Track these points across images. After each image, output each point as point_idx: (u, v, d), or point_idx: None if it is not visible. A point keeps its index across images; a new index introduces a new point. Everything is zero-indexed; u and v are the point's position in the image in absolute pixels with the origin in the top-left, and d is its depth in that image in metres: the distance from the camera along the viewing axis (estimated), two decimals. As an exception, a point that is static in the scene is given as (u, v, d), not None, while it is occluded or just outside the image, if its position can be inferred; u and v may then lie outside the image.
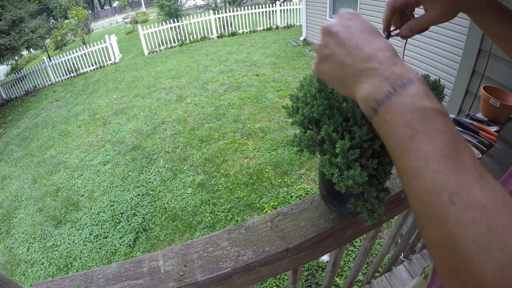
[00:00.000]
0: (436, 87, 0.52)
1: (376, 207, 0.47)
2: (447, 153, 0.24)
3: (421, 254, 1.80)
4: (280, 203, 3.14)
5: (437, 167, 0.23)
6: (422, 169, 0.24)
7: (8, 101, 9.72)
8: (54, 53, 15.28)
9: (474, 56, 1.52)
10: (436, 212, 0.22)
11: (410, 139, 0.25)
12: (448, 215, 0.22)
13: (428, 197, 0.23)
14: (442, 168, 0.23)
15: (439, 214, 0.22)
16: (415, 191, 0.24)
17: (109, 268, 0.57)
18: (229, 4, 11.67)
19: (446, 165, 0.23)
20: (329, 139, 0.45)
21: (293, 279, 0.81)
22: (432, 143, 0.24)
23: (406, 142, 0.25)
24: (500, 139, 1.39)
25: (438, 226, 0.22)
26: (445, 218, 0.22)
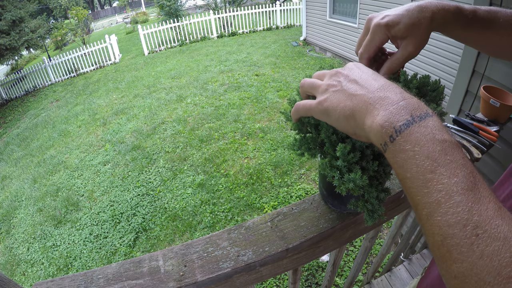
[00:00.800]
0: (436, 87, 0.52)
1: (377, 207, 0.47)
2: (468, 186, 0.24)
3: (421, 254, 1.80)
4: (280, 203, 3.14)
5: (460, 199, 0.23)
6: (445, 202, 0.24)
7: (8, 101, 9.72)
8: (54, 53, 15.29)
9: (474, 56, 1.52)
10: (460, 245, 0.22)
11: (432, 171, 0.25)
12: (472, 248, 0.22)
13: (452, 230, 0.23)
14: (464, 200, 0.23)
15: (463, 248, 0.22)
16: (436, 224, 0.24)
17: (109, 268, 0.57)
18: (229, 4, 11.67)
19: (469, 197, 0.23)
20: (329, 141, 0.45)
21: (293, 279, 0.81)
22: (454, 176, 0.24)
23: (427, 174, 0.25)
24: (500, 139, 1.39)
25: (461, 259, 0.22)
26: (469, 251, 0.22)
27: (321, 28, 7.54)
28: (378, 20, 0.42)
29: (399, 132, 0.27)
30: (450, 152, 0.25)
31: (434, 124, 0.27)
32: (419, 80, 0.51)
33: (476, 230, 0.22)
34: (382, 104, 0.30)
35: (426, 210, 0.25)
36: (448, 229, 0.23)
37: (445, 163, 0.25)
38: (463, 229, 0.22)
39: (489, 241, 0.21)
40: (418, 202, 0.26)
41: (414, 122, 0.27)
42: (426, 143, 0.26)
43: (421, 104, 0.29)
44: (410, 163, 0.26)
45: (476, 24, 0.44)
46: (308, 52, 7.85)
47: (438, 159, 0.25)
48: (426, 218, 0.25)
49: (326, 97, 0.36)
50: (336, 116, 0.34)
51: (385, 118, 0.29)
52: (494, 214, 0.22)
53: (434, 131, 0.26)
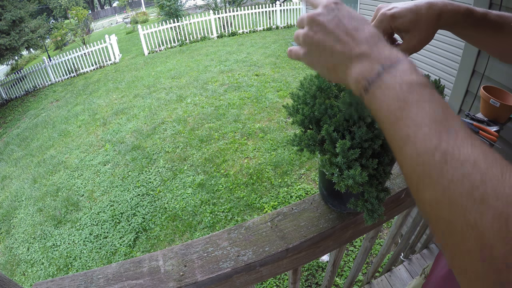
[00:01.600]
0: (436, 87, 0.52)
1: (376, 207, 0.47)
2: (437, 118, 0.25)
3: (421, 254, 1.80)
4: (280, 203, 3.14)
5: (428, 130, 0.25)
6: (413, 134, 0.25)
7: (8, 101, 9.72)
8: (54, 53, 15.29)
9: (474, 56, 1.52)
10: (430, 172, 0.23)
11: (401, 109, 0.27)
12: (442, 173, 0.23)
13: (421, 159, 0.24)
14: (432, 131, 0.24)
15: (433, 173, 0.23)
16: (407, 155, 0.26)
17: (109, 268, 0.57)
18: (229, 4, 11.67)
19: (437, 128, 0.25)
20: (329, 138, 0.45)
21: (293, 279, 0.81)
22: (422, 110, 0.26)
23: (397, 113, 0.27)
24: (500, 139, 1.39)
25: (433, 185, 0.23)
26: (439, 176, 0.23)
27: (321, 28, 7.53)
28: (385, 10, 0.44)
29: (372, 82, 0.30)
30: (418, 91, 0.27)
31: (403, 67, 0.29)
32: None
33: (445, 156, 0.23)
34: (357, 61, 0.32)
35: (398, 143, 0.27)
36: (418, 158, 0.24)
37: (413, 101, 0.27)
38: (432, 157, 0.24)
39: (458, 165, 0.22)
40: (392, 139, 0.28)
41: (384, 71, 0.29)
42: (395, 86, 0.28)
43: (392, 52, 0.31)
44: (382, 106, 0.29)
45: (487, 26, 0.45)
46: (308, 52, 7.84)
47: (406, 98, 0.27)
48: (399, 151, 0.27)
49: (307, 51, 0.37)
50: (322, 69, 0.37)
51: (359, 72, 0.31)
52: (462, 142, 0.23)
53: (402, 75, 0.28)
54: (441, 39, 3.80)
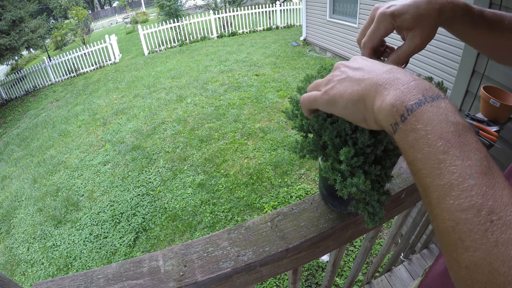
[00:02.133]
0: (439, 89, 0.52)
1: (378, 210, 0.47)
2: (483, 170, 0.22)
3: (421, 254, 1.80)
4: (280, 203, 3.14)
5: (474, 183, 0.22)
6: (458, 184, 0.22)
7: (8, 101, 9.72)
8: (54, 53, 15.29)
9: (474, 56, 1.52)
10: (473, 232, 0.21)
11: (444, 152, 0.24)
12: (486, 235, 0.21)
13: (465, 215, 0.22)
14: (479, 184, 0.22)
15: (476, 234, 0.21)
16: (448, 208, 0.23)
17: (109, 268, 0.57)
18: (229, 4, 11.67)
19: (483, 181, 0.22)
20: (332, 144, 0.45)
21: (293, 279, 0.81)
22: (468, 158, 0.23)
23: (440, 155, 0.24)
24: (500, 139, 1.39)
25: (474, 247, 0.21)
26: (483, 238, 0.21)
27: (321, 28, 7.54)
28: (383, 9, 0.42)
29: (411, 111, 0.26)
30: (464, 134, 0.24)
31: (446, 105, 0.26)
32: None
33: (491, 216, 0.21)
34: (392, 84, 0.29)
35: (437, 193, 0.24)
36: (461, 214, 0.22)
37: (459, 144, 0.24)
38: (477, 214, 0.21)
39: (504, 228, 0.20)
40: (429, 185, 0.25)
41: (426, 102, 0.26)
42: (439, 123, 0.25)
43: (432, 86, 0.28)
44: (421, 143, 0.25)
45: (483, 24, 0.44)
46: (308, 52, 7.85)
47: (451, 140, 0.24)
48: (437, 201, 0.24)
49: (331, 87, 0.35)
50: (344, 103, 0.33)
51: (396, 97, 0.28)
52: (509, 200, 0.21)
53: (447, 112, 0.25)
54: (441, 39, 3.80)
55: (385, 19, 0.41)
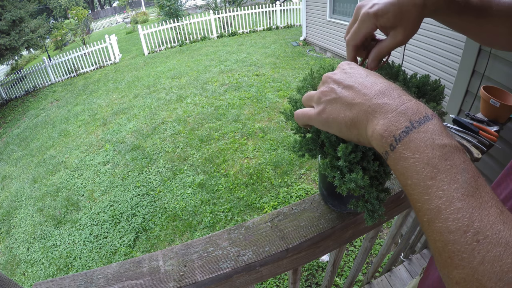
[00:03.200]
0: (436, 87, 0.52)
1: (377, 207, 0.47)
2: (469, 191, 0.24)
3: (421, 254, 1.80)
4: (280, 203, 3.14)
5: (461, 206, 0.23)
6: (445, 208, 0.24)
7: (8, 101, 9.72)
8: (54, 53, 15.29)
9: (474, 56, 1.52)
10: (461, 252, 0.23)
11: (432, 178, 0.25)
12: (473, 254, 0.22)
13: (453, 237, 0.23)
14: (465, 206, 0.23)
15: (464, 254, 0.22)
16: (437, 231, 0.24)
17: (109, 268, 0.57)
18: (229, 4, 11.67)
19: (469, 203, 0.23)
20: (329, 142, 0.45)
21: (293, 279, 0.81)
22: (454, 182, 0.24)
23: (427, 181, 0.25)
24: (500, 139, 1.39)
25: (462, 265, 0.22)
26: (470, 257, 0.22)
27: (321, 28, 7.54)
28: (366, 9, 0.41)
29: (399, 140, 0.27)
30: (450, 157, 0.25)
31: (433, 128, 0.27)
32: (419, 80, 0.51)
33: (477, 236, 0.22)
34: (381, 112, 0.29)
35: (427, 216, 0.25)
36: (449, 236, 0.23)
37: (445, 168, 0.25)
38: (463, 235, 0.22)
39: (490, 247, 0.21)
40: (420, 209, 0.26)
41: (413, 128, 0.27)
42: (426, 149, 0.26)
43: (420, 107, 0.28)
44: (410, 170, 0.26)
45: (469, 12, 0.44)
46: (308, 52, 7.85)
47: (438, 165, 0.25)
48: (428, 224, 0.25)
49: (323, 108, 0.35)
50: (338, 127, 0.34)
51: (385, 127, 0.28)
52: (495, 219, 0.22)
53: (433, 136, 0.26)
54: (441, 39, 3.80)
55: (368, 19, 0.41)
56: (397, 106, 0.29)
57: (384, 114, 0.29)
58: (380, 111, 0.30)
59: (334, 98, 0.34)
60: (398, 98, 0.29)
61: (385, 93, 0.30)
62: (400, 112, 0.28)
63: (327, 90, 0.35)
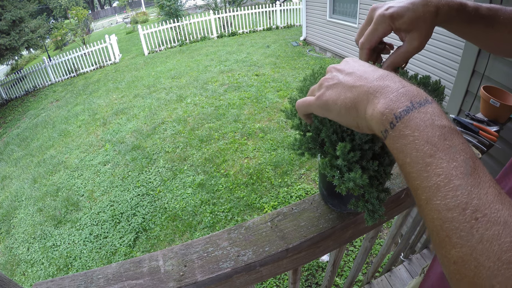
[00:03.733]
0: (436, 88, 0.52)
1: (377, 207, 0.47)
2: (468, 170, 0.24)
3: (421, 254, 1.80)
4: (280, 203, 3.14)
5: (459, 183, 0.23)
6: (444, 185, 0.24)
7: (8, 101, 9.72)
8: (54, 53, 15.29)
9: (474, 56, 1.52)
10: (459, 229, 0.22)
11: (431, 156, 0.25)
12: (471, 232, 0.22)
13: (451, 215, 0.23)
14: (464, 184, 0.23)
15: (462, 232, 0.22)
16: (435, 208, 0.24)
17: (109, 268, 0.57)
18: (229, 4, 11.67)
19: (468, 181, 0.23)
20: (329, 141, 0.45)
21: (293, 279, 0.81)
22: (453, 160, 0.24)
23: (426, 158, 0.25)
24: (500, 139, 1.39)
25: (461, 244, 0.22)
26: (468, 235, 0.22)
27: (321, 28, 7.54)
28: (382, 11, 0.42)
29: (399, 118, 0.28)
30: (450, 137, 0.26)
31: (433, 110, 0.27)
32: (419, 81, 0.51)
33: (476, 213, 0.22)
34: (382, 92, 0.30)
35: (426, 194, 0.25)
36: (447, 213, 0.23)
37: (444, 147, 0.25)
38: (462, 213, 0.22)
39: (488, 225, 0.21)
40: (418, 187, 0.26)
41: (414, 108, 0.27)
42: (426, 128, 0.26)
43: (420, 91, 0.29)
44: (409, 148, 0.27)
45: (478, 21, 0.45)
46: (308, 52, 7.85)
47: (437, 144, 0.25)
48: (426, 202, 0.25)
49: (323, 92, 0.36)
50: (338, 109, 0.34)
51: (386, 105, 0.29)
52: (494, 198, 0.22)
53: (433, 116, 0.27)
54: (441, 39, 3.80)
55: (384, 21, 0.42)
56: (398, 88, 0.29)
57: (385, 94, 0.30)
58: (381, 91, 0.30)
59: (336, 83, 0.35)
60: (399, 82, 0.30)
61: (386, 77, 0.31)
62: (401, 93, 0.29)
63: (329, 77, 0.36)
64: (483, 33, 0.47)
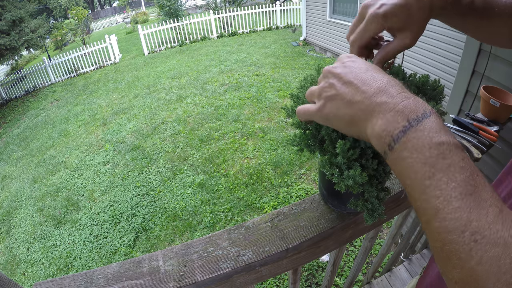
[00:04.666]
0: (436, 87, 0.52)
1: (377, 207, 0.47)
2: (467, 190, 0.23)
3: (421, 254, 1.80)
4: (280, 203, 3.14)
5: (458, 205, 0.23)
6: (443, 208, 0.24)
7: (8, 101, 9.72)
8: (54, 53, 15.28)
9: (474, 56, 1.52)
10: (459, 251, 0.22)
11: (429, 178, 0.25)
12: (471, 254, 0.22)
13: (450, 236, 0.23)
14: (463, 206, 0.23)
15: (461, 254, 0.22)
16: (435, 230, 0.24)
17: (109, 268, 0.57)
18: (229, 4, 11.67)
19: (467, 203, 0.23)
20: (329, 138, 0.45)
21: (293, 279, 0.81)
22: (452, 181, 0.24)
23: (425, 181, 0.25)
24: (500, 139, 1.39)
25: (460, 265, 0.22)
26: (467, 257, 0.22)
27: (321, 28, 7.54)
28: (375, 10, 0.40)
29: (397, 140, 0.27)
30: (449, 155, 0.25)
31: (431, 125, 0.26)
32: (418, 80, 0.51)
33: (475, 236, 0.22)
34: (379, 111, 0.29)
35: (426, 216, 0.25)
36: (447, 235, 0.23)
37: (443, 167, 0.24)
38: (461, 235, 0.22)
39: (488, 247, 0.21)
40: (418, 208, 0.26)
41: (411, 127, 0.27)
42: (423, 148, 0.26)
43: (418, 104, 0.28)
44: (409, 170, 0.26)
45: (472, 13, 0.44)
46: (308, 52, 7.85)
47: (435, 164, 0.25)
48: (426, 223, 0.25)
49: (323, 104, 0.35)
50: (338, 123, 0.34)
51: (383, 127, 0.28)
52: (494, 218, 0.22)
53: (431, 133, 0.26)
54: (441, 39, 3.80)
55: (376, 20, 0.40)
56: (396, 105, 0.28)
57: (382, 114, 0.29)
58: (378, 110, 0.29)
59: (334, 95, 0.34)
60: (397, 96, 0.29)
61: (384, 90, 0.30)
62: (398, 111, 0.28)
63: (327, 86, 0.35)
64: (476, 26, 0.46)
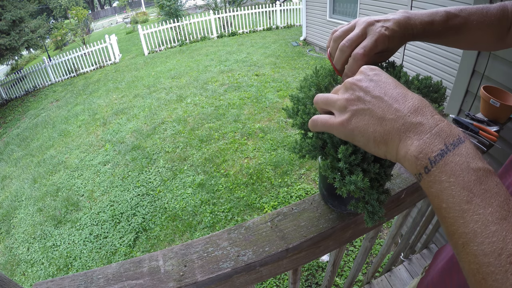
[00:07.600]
0: (438, 89, 0.52)
1: (377, 209, 0.47)
2: (502, 215, 0.24)
3: (421, 254, 1.80)
4: (280, 203, 3.14)
5: (495, 229, 0.24)
6: (481, 232, 0.24)
7: (8, 101, 9.72)
8: (54, 53, 15.28)
9: (474, 56, 1.52)
10: (494, 273, 0.23)
11: (468, 202, 0.25)
12: (506, 275, 0.23)
13: (487, 259, 0.24)
14: (499, 230, 0.24)
15: (497, 275, 0.23)
16: (472, 253, 0.25)
17: (109, 268, 0.57)
18: (229, 4, 11.67)
19: (503, 226, 0.24)
20: (331, 143, 0.45)
21: (293, 279, 0.81)
22: (489, 206, 0.25)
23: (463, 205, 0.25)
24: (500, 139, 1.39)
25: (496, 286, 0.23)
26: (503, 279, 0.23)
27: (321, 28, 7.54)
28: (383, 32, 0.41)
29: (434, 163, 0.27)
30: (485, 181, 0.25)
31: (467, 151, 0.27)
32: (421, 81, 0.51)
33: (510, 258, 0.23)
34: (416, 132, 0.29)
35: (462, 239, 0.25)
36: (484, 258, 0.24)
37: (480, 192, 0.25)
38: (498, 258, 0.23)
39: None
40: (454, 232, 0.26)
41: (448, 151, 0.27)
42: (461, 173, 0.26)
43: (452, 129, 0.28)
44: (445, 193, 0.26)
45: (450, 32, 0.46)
46: (308, 52, 7.85)
47: (473, 189, 0.25)
48: (462, 247, 0.25)
49: (349, 118, 0.33)
50: (365, 141, 0.33)
51: (420, 149, 0.28)
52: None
53: (468, 159, 0.26)
54: (441, 39, 3.79)
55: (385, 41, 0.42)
56: (432, 127, 0.28)
57: (418, 135, 0.28)
58: (414, 131, 0.29)
59: (363, 109, 0.32)
60: (432, 118, 0.29)
61: (418, 111, 0.30)
62: (435, 134, 0.28)
63: (353, 98, 0.33)
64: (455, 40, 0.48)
